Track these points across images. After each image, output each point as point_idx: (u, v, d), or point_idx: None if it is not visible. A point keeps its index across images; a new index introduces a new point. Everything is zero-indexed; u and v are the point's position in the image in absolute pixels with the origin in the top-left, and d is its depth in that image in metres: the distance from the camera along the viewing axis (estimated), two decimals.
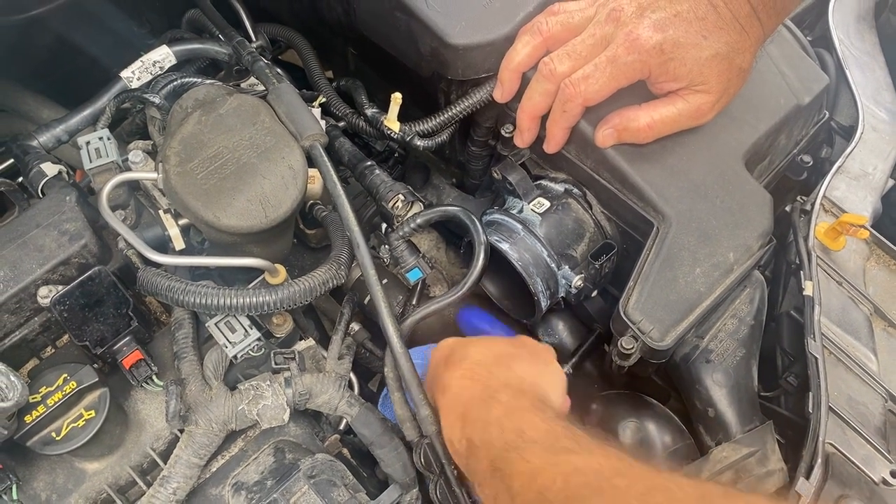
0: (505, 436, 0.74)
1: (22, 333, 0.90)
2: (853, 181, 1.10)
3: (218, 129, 0.90)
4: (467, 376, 0.83)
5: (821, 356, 0.91)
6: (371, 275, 0.89)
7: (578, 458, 0.68)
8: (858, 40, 1.27)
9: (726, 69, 0.90)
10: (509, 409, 0.77)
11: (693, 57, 0.88)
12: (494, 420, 0.76)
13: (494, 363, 0.85)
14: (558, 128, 0.97)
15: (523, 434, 0.73)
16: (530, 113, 0.98)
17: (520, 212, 1.02)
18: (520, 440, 0.73)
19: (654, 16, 0.87)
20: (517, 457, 0.71)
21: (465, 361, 0.85)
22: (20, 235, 0.89)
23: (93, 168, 0.93)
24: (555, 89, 0.94)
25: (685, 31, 0.87)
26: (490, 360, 0.85)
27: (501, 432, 0.74)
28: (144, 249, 0.87)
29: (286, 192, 0.89)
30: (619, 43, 0.88)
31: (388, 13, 1.04)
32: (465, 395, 0.82)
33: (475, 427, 0.78)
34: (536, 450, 0.71)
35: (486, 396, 0.80)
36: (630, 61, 0.88)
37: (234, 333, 0.90)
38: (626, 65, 0.89)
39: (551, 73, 0.93)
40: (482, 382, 0.82)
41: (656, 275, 0.92)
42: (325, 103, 1.11)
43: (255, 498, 0.87)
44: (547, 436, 0.73)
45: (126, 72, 1.02)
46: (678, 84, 0.91)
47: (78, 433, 0.82)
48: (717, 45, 0.88)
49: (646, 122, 0.93)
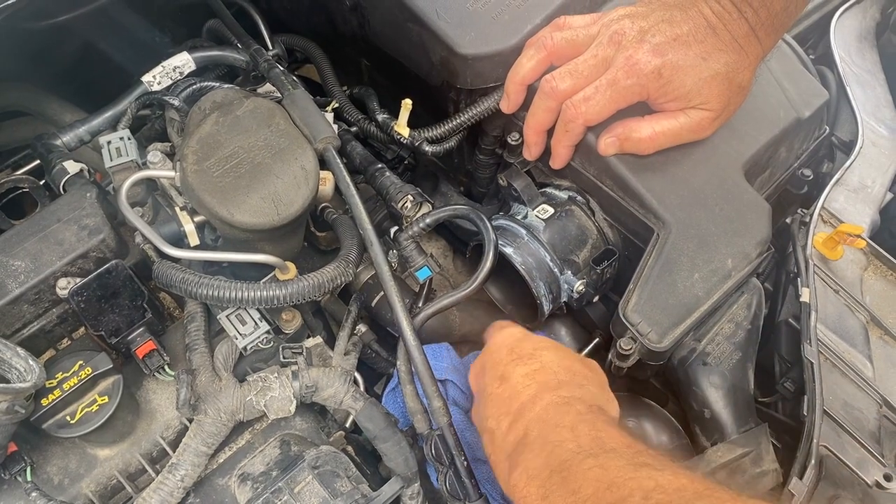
0: (579, 440, 0.73)
1: (40, 324, 0.93)
2: (852, 194, 1.13)
3: (234, 130, 0.93)
4: (533, 377, 0.83)
5: (816, 361, 0.93)
6: (384, 270, 0.92)
7: (661, 475, 0.65)
8: (860, 58, 1.30)
9: (726, 88, 0.93)
10: (584, 418, 0.76)
11: (692, 79, 0.90)
12: (568, 424, 0.75)
13: (566, 376, 0.84)
14: (562, 146, 1.01)
15: (601, 442, 0.72)
16: (535, 128, 1.02)
17: (524, 218, 1.05)
18: (597, 448, 0.71)
19: (653, 40, 0.90)
20: (593, 462, 0.69)
21: (535, 361, 0.85)
22: (42, 229, 0.92)
23: (113, 166, 0.97)
24: (557, 106, 0.97)
25: (684, 55, 0.90)
26: (561, 370, 0.84)
27: (575, 437, 0.73)
28: (160, 243, 0.90)
29: (298, 191, 0.92)
30: (619, 66, 0.91)
31: (401, 24, 1.08)
32: (526, 393, 0.81)
33: (537, 427, 0.77)
34: (616, 460, 0.69)
35: (561, 402, 0.79)
36: (629, 85, 0.91)
37: (244, 326, 0.93)
38: (626, 88, 0.92)
39: (553, 90, 0.96)
40: (551, 389, 0.81)
41: (656, 279, 0.94)
42: (338, 109, 1.15)
43: (261, 488, 0.89)
44: (627, 448, 0.71)
45: (147, 76, 1.06)
46: (678, 104, 0.94)
47: (91, 417, 0.84)
48: (716, 66, 0.90)
49: (647, 133, 0.96)
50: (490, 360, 0.88)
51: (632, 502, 0.63)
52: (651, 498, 0.62)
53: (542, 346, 0.88)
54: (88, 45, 1.25)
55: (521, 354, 0.86)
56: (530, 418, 0.79)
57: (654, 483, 0.64)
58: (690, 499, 0.62)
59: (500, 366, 0.85)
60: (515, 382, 0.83)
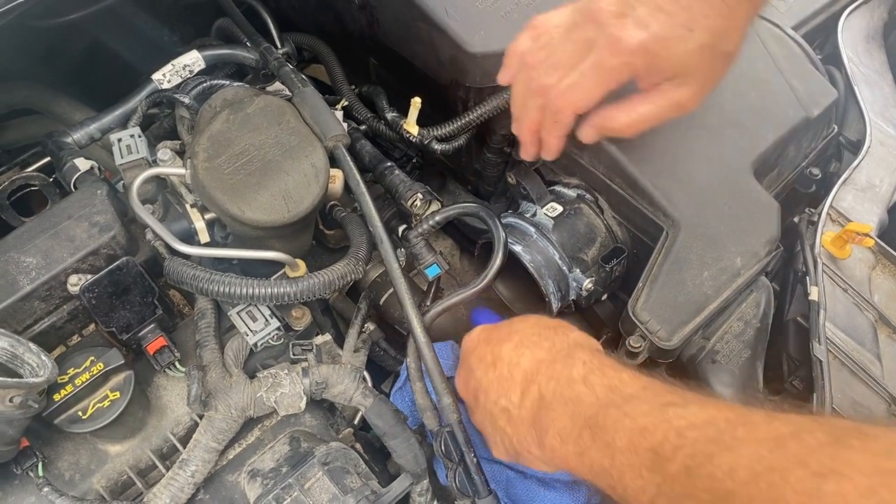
0: (596, 392, 0.72)
1: (51, 320, 0.93)
2: (860, 193, 1.13)
3: (245, 127, 0.93)
4: (524, 344, 0.83)
5: (825, 359, 0.93)
6: (395, 268, 0.92)
7: (688, 411, 0.64)
8: (867, 58, 1.30)
9: (711, 58, 0.86)
10: (592, 367, 0.76)
11: (679, 51, 0.84)
12: (579, 378, 0.75)
13: (550, 331, 0.84)
14: (552, 136, 0.96)
15: (618, 390, 0.71)
16: (529, 128, 0.98)
17: (533, 216, 1.05)
18: (616, 396, 0.70)
19: (635, 13, 0.83)
20: (618, 413, 0.68)
21: (515, 334, 0.85)
22: (53, 226, 0.93)
23: (123, 164, 0.97)
24: (545, 101, 0.92)
25: (670, 26, 0.83)
26: (543, 329, 0.85)
27: (591, 389, 0.73)
28: (171, 240, 0.90)
29: (308, 188, 0.92)
30: (602, 46, 0.85)
31: (410, 23, 1.08)
32: (526, 360, 0.81)
33: (550, 385, 0.77)
34: (639, 405, 0.68)
35: (560, 357, 0.79)
36: (616, 65, 0.85)
37: (255, 322, 0.93)
38: (613, 69, 0.86)
39: (541, 87, 0.91)
40: (545, 348, 0.81)
41: (665, 277, 0.94)
42: (347, 107, 1.16)
43: (270, 484, 0.89)
44: (645, 391, 0.70)
45: (157, 74, 1.07)
46: (662, 77, 0.87)
47: (103, 413, 0.84)
48: (702, 37, 0.83)
49: (624, 121, 0.91)
50: (473, 358, 0.88)
51: (667, 445, 0.62)
52: (685, 436, 0.62)
53: (513, 321, 0.89)
54: (97, 44, 1.25)
55: (498, 337, 0.86)
56: (540, 381, 0.78)
57: (685, 421, 0.63)
58: (724, 428, 0.60)
59: (485, 356, 0.85)
60: (507, 357, 0.83)
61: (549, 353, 0.81)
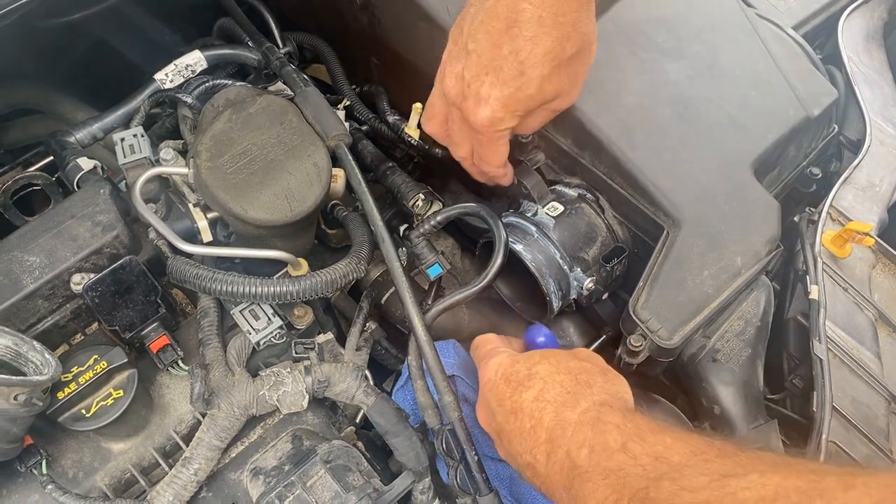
0: (641, 462, 0.67)
1: (54, 319, 0.94)
2: (860, 192, 1.13)
3: (247, 127, 0.94)
4: (545, 398, 0.78)
5: (825, 357, 0.93)
6: (396, 266, 0.92)
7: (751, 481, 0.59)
8: (867, 58, 1.30)
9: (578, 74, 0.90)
10: (629, 434, 0.70)
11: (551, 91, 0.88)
12: (617, 446, 0.69)
13: (573, 382, 0.80)
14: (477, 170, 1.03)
15: (665, 459, 0.66)
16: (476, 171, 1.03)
17: (534, 215, 1.05)
18: (665, 467, 0.65)
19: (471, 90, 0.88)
20: (674, 486, 0.62)
21: (535, 381, 0.81)
22: (56, 225, 0.93)
23: (126, 163, 0.97)
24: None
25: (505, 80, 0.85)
26: (565, 377, 0.80)
27: (634, 459, 0.67)
28: (174, 239, 0.90)
29: (310, 188, 0.93)
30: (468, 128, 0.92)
31: (412, 23, 1.08)
32: (548, 419, 0.77)
33: (582, 453, 0.71)
34: (694, 476, 0.62)
35: (588, 420, 0.74)
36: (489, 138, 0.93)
37: (257, 321, 0.94)
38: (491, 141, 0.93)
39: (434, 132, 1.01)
40: (569, 406, 0.77)
41: (665, 276, 0.95)
42: (349, 107, 1.16)
43: (273, 482, 0.89)
44: (695, 458, 0.65)
45: (160, 74, 1.07)
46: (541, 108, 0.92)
47: (106, 411, 0.85)
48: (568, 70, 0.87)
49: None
50: (493, 397, 0.84)
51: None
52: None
53: (534, 362, 0.84)
54: (100, 44, 1.26)
55: (519, 380, 0.82)
56: (569, 446, 0.73)
57: (752, 494, 0.58)
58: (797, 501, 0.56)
59: (505, 400, 0.81)
60: (529, 410, 0.78)
61: (575, 414, 0.75)
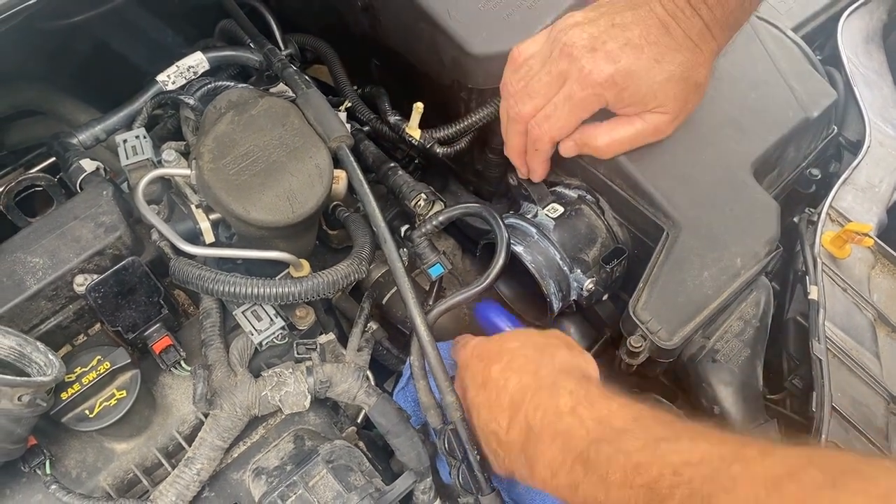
0: (586, 425, 0.73)
1: (57, 320, 0.94)
2: (859, 193, 1.13)
3: (249, 128, 0.94)
4: (511, 368, 0.84)
5: (825, 358, 0.94)
6: (398, 267, 0.93)
7: (681, 446, 0.65)
8: (867, 59, 1.30)
9: (682, 89, 0.92)
10: (579, 398, 0.77)
11: (647, 82, 0.89)
12: (566, 409, 0.76)
13: (537, 353, 0.86)
14: (536, 163, 1.03)
15: (608, 423, 0.72)
16: (516, 151, 1.04)
17: (534, 216, 1.06)
18: (607, 430, 0.71)
19: (604, 48, 0.88)
20: (611, 448, 0.69)
21: (504, 354, 0.87)
22: (59, 226, 0.94)
23: (129, 164, 0.98)
24: (524, 128, 0.99)
25: (637, 59, 0.88)
26: (531, 350, 0.86)
27: (580, 422, 0.74)
28: (177, 240, 0.91)
29: (312, 189, 0.93)
30: (573, 79, 0.91)
31: (413, 24, 1.09)
32: (512, 385, 0.83)
33: (537, 415, 0.78)
34: (631, 440, 0.68)
35: (545, 385, 0.80)
36: (585, 96, 0.91)
37: (259, 322, 0.94)
38: (583, 100, 0.92)
39: (518, 115, 0.97)
40: (531, 373, 0.83)
41: (665, 277, 0.95)
42: (351, 108, 1.16)
43: (275, 482, 0.90)
44: (636, 423, 0.71)
45: (162, 76, 1.07)
46: (636, 108, 0.94)
47: (110, 412, 0.85)
48: (671, 68, 0.89)
49: (604, 141, 0.97)
50: (467, 375, 0.90)
51: (663, 483, 0.63)
52: (681, 474, 0.62)
53: (503, 339, 0.90)
54: (102, 46, 1.26)
55: (489, 356, 0.88)
56: (527, 409, 0.79)
57: (679, 457, 0.64)
58: (719, 466, 0.60)
59: (477, 375, 0.87)
60: (495, 380, 0.84)
61: (535, 380, 0.82)
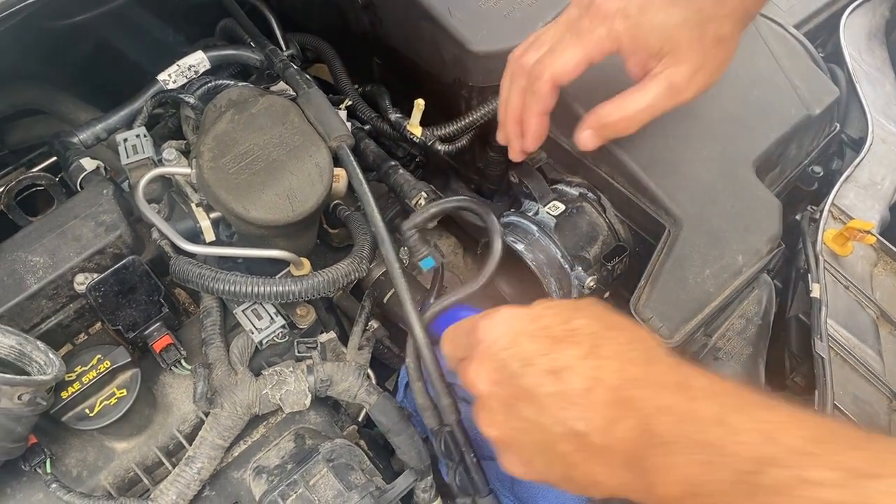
0: (744, 439, 0.56)
1: (58, 319, 0.94)
2: (862, 190, 1.13)
3: (249, 127, 0.94)
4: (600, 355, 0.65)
5: (827, 356, 0.94)
6: (395, 267, 0.92)
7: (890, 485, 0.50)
8: (869, 56, 1.30)
9: (699, 37, 0.81)
10: (725, 405, 0.59)
11: (660, 22, 0.80)
12: (711, 417, 0.58)
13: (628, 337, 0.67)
14: (530, 114, 0.90)
15: (774, 440, 0.55)
16: (514, 116, 0.92)
17: (535, 214, 1.06)
18: (780, 451, 0.55)
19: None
20: (794, 480, 0.53)
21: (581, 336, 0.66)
22: (59, 225, 0.94)
23: (129, 163, 0.98)
24: (526, 81, 0.88)
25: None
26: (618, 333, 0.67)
27: (734, 434, 0.57)
28: (177, 239, 0.91)
29: (312, 188, 0.93)
30: (583, 16, 0.83)
31: (414, 22, 1.09)
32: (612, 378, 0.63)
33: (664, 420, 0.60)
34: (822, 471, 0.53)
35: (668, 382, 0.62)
36: (594, 28, 0.82)
37: (260, 320, 0.94)
38: (591, 33, 0.82)
39: (521, 66, 0.88)
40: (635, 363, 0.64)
41: (667, 275, 0.95)
42: (351, 107, 1.16)
43: (276, 480, 0.90)
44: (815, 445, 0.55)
45: (163, 74, 1.08)
46: (649, 58, 0.84)
47: (110, 410, 0.85)
48: (685, 13, 0.80)
49: (618, 115, 0.86)
50: (512, 357, 0.67)
51: None
52: None
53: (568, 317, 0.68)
54: (103, 45, 1.26)
55: (555, 336, 0.67)
56: (645, 410, 0.61)
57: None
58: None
59: (536, 358, 0.66)
60: (579, 369, 0.64)
61: (646, 373, 0.63)
